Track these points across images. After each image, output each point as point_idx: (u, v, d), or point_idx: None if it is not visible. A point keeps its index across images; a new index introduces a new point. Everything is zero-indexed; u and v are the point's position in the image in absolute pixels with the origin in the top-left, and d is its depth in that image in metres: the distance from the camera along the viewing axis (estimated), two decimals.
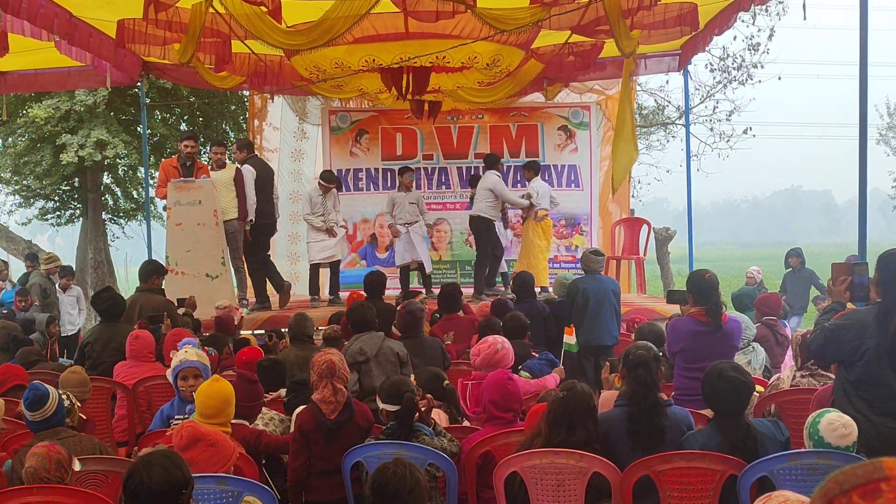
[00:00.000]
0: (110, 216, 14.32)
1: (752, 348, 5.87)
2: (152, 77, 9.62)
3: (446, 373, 4.95)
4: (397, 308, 5.88)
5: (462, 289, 7.21)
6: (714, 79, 15.45)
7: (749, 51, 14.85)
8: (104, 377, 5.26)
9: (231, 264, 8.18)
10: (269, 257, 9.05)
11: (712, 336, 4.46)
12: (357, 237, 10.96)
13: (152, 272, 6.59)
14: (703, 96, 15.76)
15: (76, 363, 6.02)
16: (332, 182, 8.85)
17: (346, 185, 10.86)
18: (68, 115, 11.50)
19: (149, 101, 11.17)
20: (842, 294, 3.79)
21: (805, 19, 5.92)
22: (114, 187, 14.13)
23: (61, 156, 11.44)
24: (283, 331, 6.48)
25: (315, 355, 3.81)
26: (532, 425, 3.48)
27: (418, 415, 3.60)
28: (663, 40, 6.98)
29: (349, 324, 5.23)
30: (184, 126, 13.67)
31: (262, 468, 3.87)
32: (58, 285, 9.62)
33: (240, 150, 8.72)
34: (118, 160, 12.80)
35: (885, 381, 3.34)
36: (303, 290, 10.13)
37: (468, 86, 8.21)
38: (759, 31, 14.60)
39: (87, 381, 4.58)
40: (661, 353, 4.06)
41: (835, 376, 3.69)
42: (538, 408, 3.59)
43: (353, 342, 4.83)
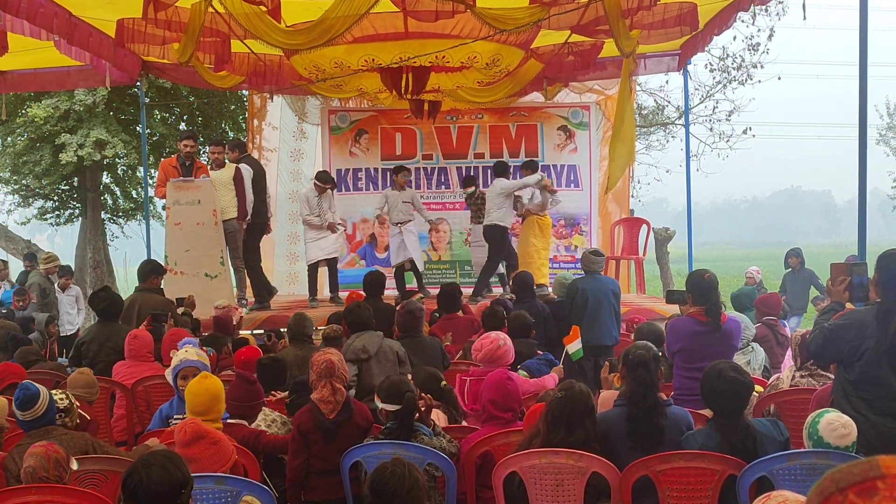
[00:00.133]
0: (109, 216, 14.31)
1: (752, 348, 5.87)
2: (152, 76, 9.62)
3: (446, 373, 4.95)
4: (397, 308, 5.88)
5: (461, 289, 7.20)
6: (714, 79, 15.48)
7: (749, 51, 14.86)
8: (104, 377, 5.25)
9: (230, 264, 8.18)
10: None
11: (711, 336, 4.45)
12: (356, 237, 10.96)
13: (151, 272, 6.59)
14: (702, 96, 15.78)
15: (72, 361, 6.03)
16: (327, 182, 8.84)
17: (345, 185, 10.87)
18: (67, 115, 11.49)
19: (148, 100, 11.17)
20: (841, 294, 3.79)
21: (805, 19, 5.92)
22: (113, 187, 14.13)
23: (60, 155, 11.43)
24: (282, 331, 6.48)
25: (314, 355, 3.81)
26: (531, 425, 3.47)
27: (418, 415, 3.60)
28: (663, 40, 6.98)
29: (346, 324, 5.24)
30: (183, 126, 13.66)
31: (262, 468, 3.86)
32: (56, 285, 9.61)
33: (232, 150, 8.69)
34: (117, 160, 12.79)
35: (885, 381, 3.33)
36: (302, 289, 10.14)
37: (468, 85, 8.21)
38: (759, 31, 14.62)
39: (94, 383, 4.62)
40: (660, 353, 4.06)
41: (834, 376, 3.68)
42: (537, 407, 3.59)
43: (355, 339, 4.83)
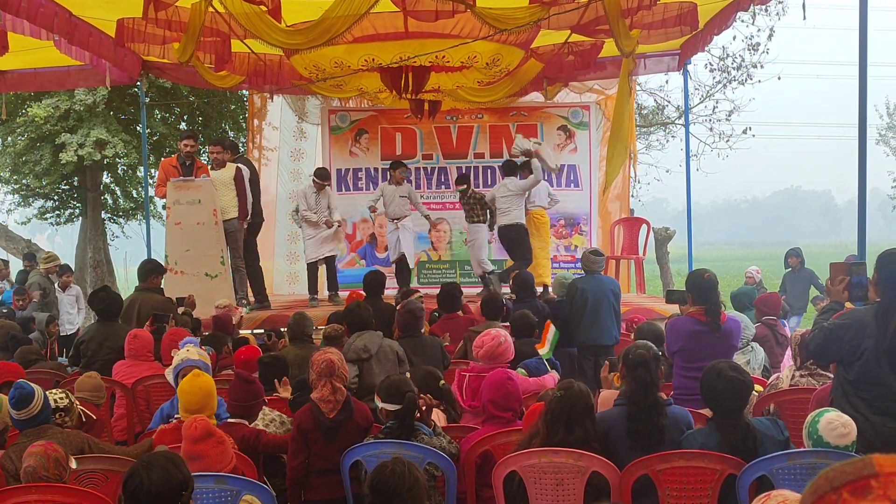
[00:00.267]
0: (110, 215, 14.31)
1: (751, 348, 5.86)
2: (152, 76, 9.62)
3: (445, 372, 4.95)
4: (397, 308, 5.89)
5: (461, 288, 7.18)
6: (714, 79, 15.49)
7: (749, 51, 14.87)
8: (103, 377, 5.25)
9: (231, 264, 8.18)
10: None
11: (711, 335, 4.45)
12: (356, 237, 10.96)
13: (151, 271, 6.59)
14: (702, 96, 15.79)
15: (71, 361, 6.03)
16: (326, 179, 8.82)
17: (345, 185, 10.87)
18: (68, 115, 11.49)
19: (148, 100, 11.16)
20: (840, 294, 3.78)
21: (805, 19, 5.92)
22: (113, 186, 14.13)
23: (61, 155, 11.43)
24: (282, 330, 6.48)
25: (314, 354, 3.80)
26: (530, 425, 3.48)
27: (419, 414, 3.60)
28: (663, 40, 6.98)
29: (346, 324, 5.24)
30: (183, 125, 13.67)
31: (261, 467, 3.86)
32: (56, 284, 9.61)
33: (225, 152, 8.65)
34: (118, 159, 12.79)
35: (885, 380, 3.33)
36: (302, 289, 10.14)
37: (468, 85, 8.20)
38: (759, 30, 14.64)
39: (101, 386, 4.64)
40: (660, 353, 4.06)
41: (833, 376, 3.68)
42: (536, 407, 3.59)
43: (356, 339, 4.83)
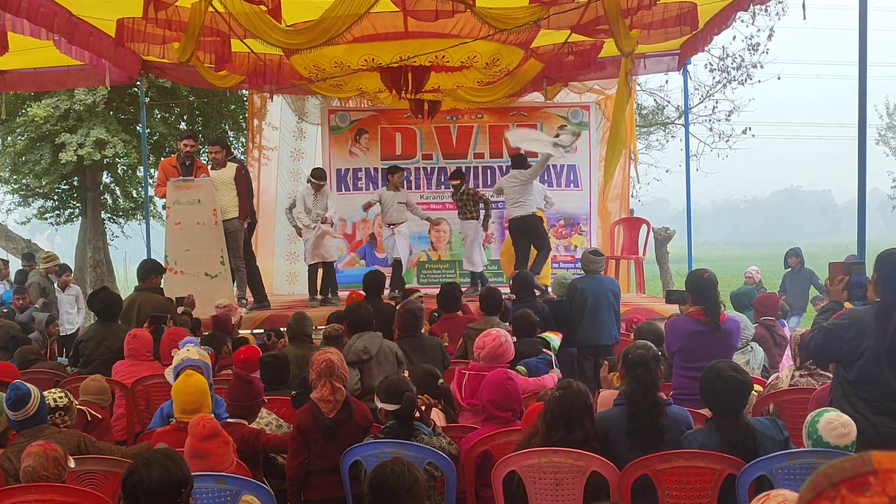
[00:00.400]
0: (109, 215, 14.31)
1: (751, 348, 5.87)
2: (152, 76, 9.61)
3: (445, 372, 4.95)
4: (396, 308, 5.89)
5: (461, 288, 7.19)
6: (713, 78, 15.49)
7: (748, 51, 14.88)
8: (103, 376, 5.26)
9: (231, 263, 8.18)
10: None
11: (711, 335, 4.45)
12: (356, 237, 10.96)
13: (150, 271, 6.59)
14: (702, 96, 15.79)
15: (71, 361, 6.04)
16: (322, 179, 8.80)
17: (345, 185, 10.87)
18: (67, 114, 11.48)
19: (148, 100, 11.15)
20: (839, 293, 3.78)
21: (805, 19, 5.92)
22: (113, 186, 14.12)
23: (60, 155, 11.42)
24: (282, 330, 6.48)
25: (314, 354, 3.80)
26: (529, 425, 3.48)
27: (418, 414, 3.60)
28: (662, 40, 6.97)
29: (346, 324, 5.24)
30: (183, 125, 13.66)
31: (260, 467, 3.86)
32: (56, 284, 9.61)
33: (223, 149, 8.61)
34: (117, 159, 12.79)
35: (884, 380, 3.33)
36: (302, 289, 10.14)
37: (467, 85, 8.20)
38: (759, 30, 14.65)
39: (106, 389, 4.67)
40: (660, 353, 4.06)
41: (833, 376, 3.68)
42: (535, 407, 3.59)
43: (356, 340, 4.83)
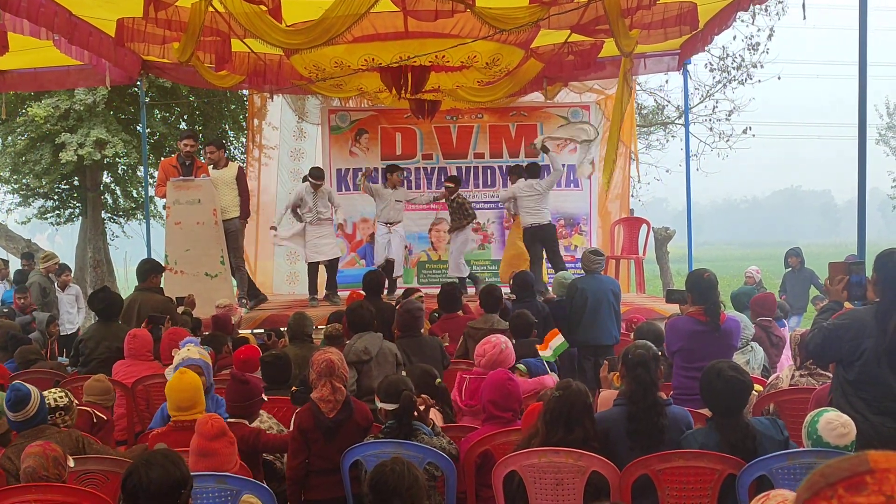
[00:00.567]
0: (110, 215, 14.30)
1: (751, 348, 5.86)
2: (152, 76, 9.62)
3: (445, 372, 4.95)
4: (396, 308, 5.88)
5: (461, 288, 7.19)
6: (713, 78, 15.49)
7: (748, 50, 14.88)
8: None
9: (232, 263, 8.18)
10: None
11: (711, 335, 4.45)
12: (356, 237, 10.95)
13: (150, 271, 6.59)
14: (702, 96, 15.80)
15: (72, 361, 6.04)
16: (320, 178, 8.79)
17: (345, 185, 10.87)
18: (67, 114, 11.48)
19: (148, 99, 11.15)
20: (839, 293, 3.78)
21: (805, 19, 5.92)
22: (113, 186, 14.12)
23: (60, 154, 11.42)
24: (282, 330, 6.48)
25: (314, 354, 3.80)
26: (529, 425, 3.48)
27: (417, 413, 3.60)
28: (662, 40, 6.97)
29: (347, 323, 5.23)
30: (183, 125, 13.66)
31: (260, 467, 3.86)
32: (56, 284, 9.60)
33: (218, 149, 8.61)
34: (117, 159, 12.78)
35: (884, 380, 3.33)
36: (302, 289, 10.13)
37: (468, 85, 8.21)
38: (759, 30, 14.65)
39: (110, 389, 4.69)
40: (660, 353, 4.06)
41: (833, 376, 3.68)
42: (534, 407, 3.59)
43: (357, 340, 4.82)
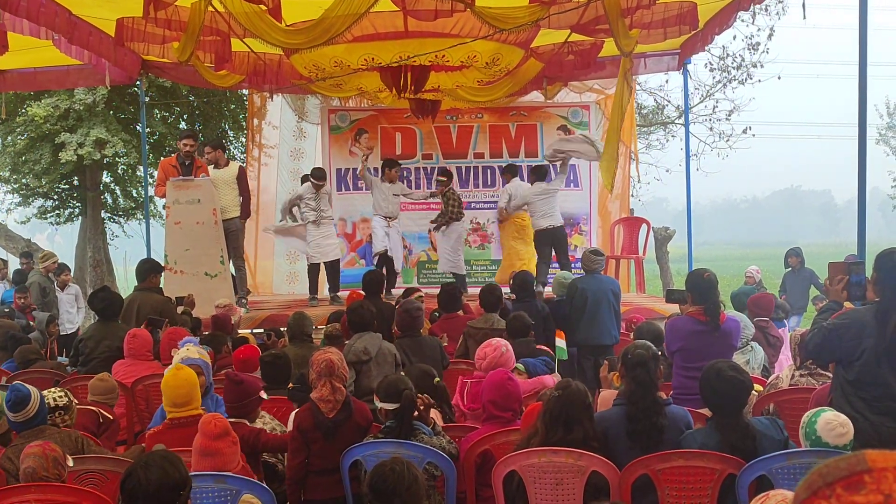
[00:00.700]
0: (109, 215, 14.31)
1: (751, 348, 5.85)
2: (151, 76, 9.62)
3: (445, 372, 4.95)
4: (396, 308, 5.88)
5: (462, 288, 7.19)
6: (714, 78, 15.50)
7: (749, 50, 14.88)
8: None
9: (233, 263, 8.17)
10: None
11: (711, 335, 4.45)
12: (356, 237, 10.95)
13: (149, 271, 6.59)
14: (702, 96, 15.80)
15: (72, 360, 6.04)
16: (324, 179, 8.78)
17: (345, 185, 10.86)
18: (67, 114, 11.48)
19: (148, 99, 11.16)
20: (839, 293, 3.78)
21: (805, 19, 5.92)
22: (113, 186, 14.13)
23: (60, 154, 11.43)
24: (281, 329, 6.48)
25: (314, 354, 3.80)
26: (528, 424, 3.47)
27: (417, 413, 3.60)
28: (662, 39, 6.97)
29: (348, 323, 5.23)
30: (183, 125, 13.66)
31: (260, 466, 3.85)
32: (56, 283, 9.60)
33: (214, 150, 8.59)
34: (117, 159, 12.80)
35: (884, 380, 3.33)
36: (302, 288, 10.13)
37: (467, 85, 8.21)
38: (759, 30, 14.66)
39: (114, 388, 4.70)
40: (659, 353, 4.06)
41: (833, 376, 3.68)
42: (534, 407, 3.59)
43: (356, 340, 4.82)
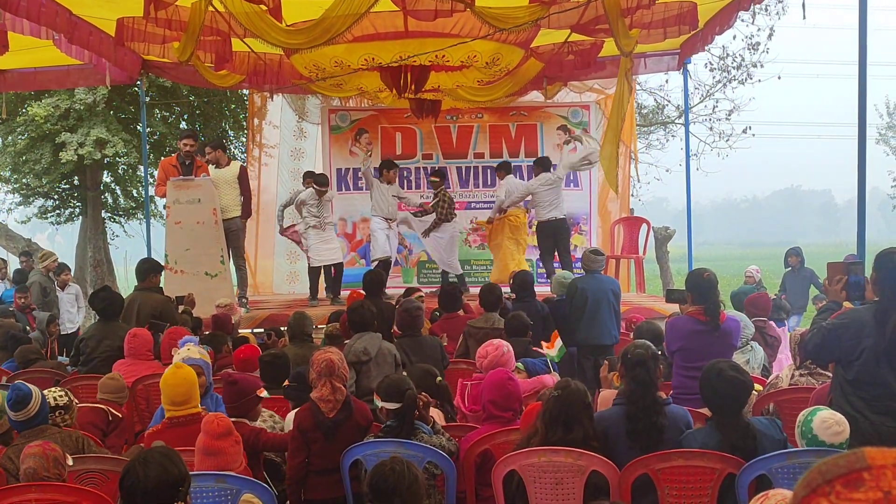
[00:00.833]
0: (110, 215, 14.32)
1: (751, 347, 5.85)
2: (152, 75, 9.63)
3: (445, 372, 4.95)
4: (396, 307, 5.89)
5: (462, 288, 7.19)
6: (714, 78, 15.51)
7: (748, 50, 14.88)
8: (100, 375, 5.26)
9: (233, 262, 8.17)
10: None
11: (711, 335, 4.45)
12: (356, 237, 10.96)
13: (149, 270, 6.58)
14: (702, 95, 15.80)
15: (72, 360, 6.04)
16: (327, 185, 8.80)
17: (345, 185, 10.87)
18: (68, 114, 11.48)
19: (148, 99, 11.16)
20: (838, 293, 3.78)
21: (805, 19, 5.92)
22: (113, 186, 14.13)
23: (61, 154, 11.43)
24: (282, 329, 6.48)
25: (314, 354, 3.80)
26: (528, 424, 3.48)
27: (417, 412, 3.60)
28: (662, 39, 6.97)
29: (348, 323, 5.23)
30: (183, 124, 13.66)
31: (261, 465, 3.86)
32: (56, 283, 9.60)
33: (214, 150, 8.59)
34: (118, 159, 12.80)
35: (883, 380, 3.33)
36: (302, 288, 10.13)
37: (468, 84, 8.21)
38: (759, 30, 14.66)
39: (124, 387, 4.71)
40: (659, 352, 4.06)
41: (832, 375, 3.69)
42: (533, 407, 3.59)
43: (356, 341, 4.83)
